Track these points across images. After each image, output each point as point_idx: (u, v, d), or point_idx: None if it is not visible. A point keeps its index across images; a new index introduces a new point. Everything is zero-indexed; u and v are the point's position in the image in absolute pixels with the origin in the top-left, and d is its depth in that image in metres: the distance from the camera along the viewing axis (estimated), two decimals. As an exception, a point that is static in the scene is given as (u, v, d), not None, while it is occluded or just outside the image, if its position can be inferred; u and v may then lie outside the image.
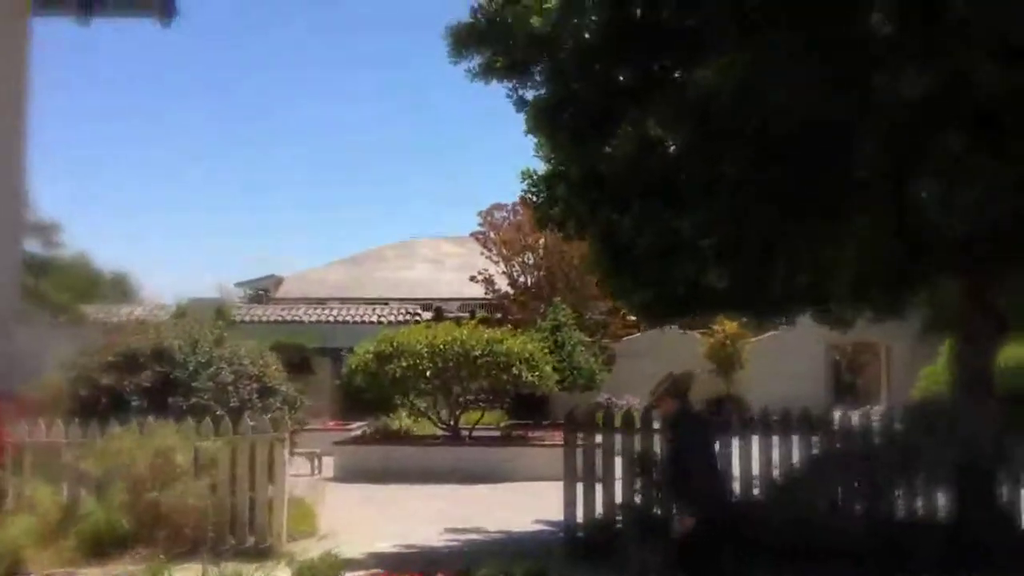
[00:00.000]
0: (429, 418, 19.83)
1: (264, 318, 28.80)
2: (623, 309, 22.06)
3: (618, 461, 10.54)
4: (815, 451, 10.40)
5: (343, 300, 33.03)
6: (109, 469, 8.82)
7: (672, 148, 8.84)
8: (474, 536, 12.10)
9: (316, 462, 19.12)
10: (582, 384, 23.11)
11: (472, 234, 27.69)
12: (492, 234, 26.74)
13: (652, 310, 11.28)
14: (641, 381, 24.86)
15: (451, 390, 19.07)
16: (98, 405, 10.48)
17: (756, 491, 10.38)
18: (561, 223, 10.71)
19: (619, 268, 10.53)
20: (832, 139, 8.09)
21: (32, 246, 25.60)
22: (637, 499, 10.27)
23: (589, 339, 25.08)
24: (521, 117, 9.64)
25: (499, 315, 26.74)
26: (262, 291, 43.13)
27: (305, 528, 11.54)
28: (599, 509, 10.42)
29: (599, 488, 10.45)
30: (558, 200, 10.44)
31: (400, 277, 40.98)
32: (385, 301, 31.42)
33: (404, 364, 18.23)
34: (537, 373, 18.76)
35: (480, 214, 26.75)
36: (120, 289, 56.69)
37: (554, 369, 22.22)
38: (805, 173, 8.43)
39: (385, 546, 11.16)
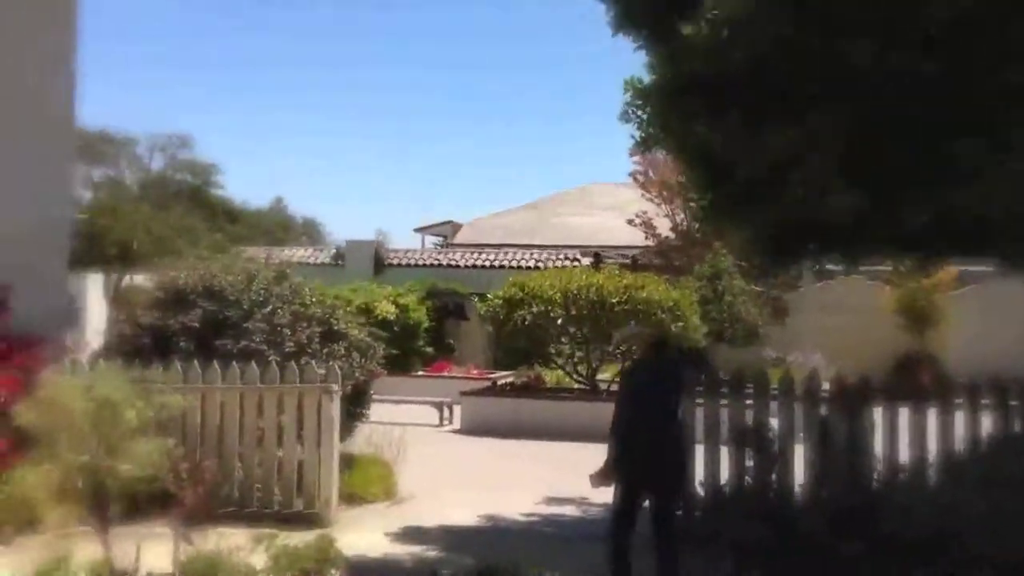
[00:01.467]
0: (564, 370, 18.20)
1: (420, 261, 27.85)
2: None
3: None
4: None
5: (519, 247, 31.67)
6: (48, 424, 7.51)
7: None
8: (569, 510, 10.44)
9: (447, 412, 17.90)
10: (742, 337, 20.84)
11: (630, 174, 25.57)
12: (651, 173, 24.52)
13: (757, 247, 9.15)
14: (818, 336, 22.60)
15: (586, 339, 17.34)
16: (142, 347, 9.41)
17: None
18: (660, 141, 8.72)
19: (718, 194, 8.48)
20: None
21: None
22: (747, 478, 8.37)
23: (756, 289, 22.68)
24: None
25: (659, 262, 24.67)
26: (441, 236, 42.66)
27: (375, 491, 10.22)
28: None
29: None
30: (657, 114, 8.45)
31: (577, 223, 39.42)
32: (560, 248, 29.85)
33: (535, 311, 16.65)
34: (681, 324, 16.76)
35: (636, 152, 24.51)
36: (310, 233, 58.05)
37: (712, 320, 20.16)
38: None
39: (459, 517, 9.72)
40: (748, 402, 8.62)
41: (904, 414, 8.61)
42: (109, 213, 23.59)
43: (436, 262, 27.81)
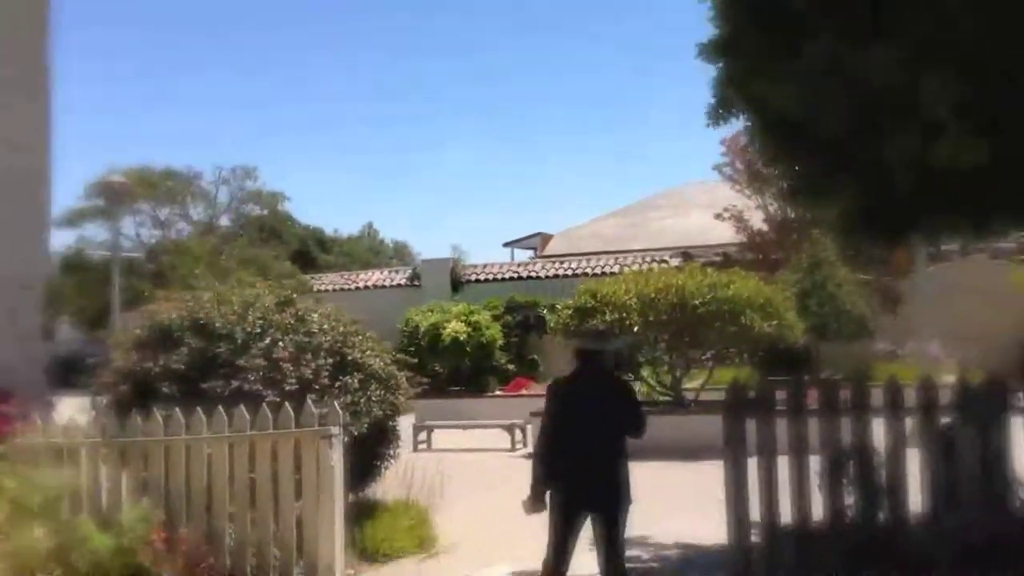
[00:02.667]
0: (645, 381, 16.36)
1: (500, 275, 26.33)
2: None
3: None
4: None
5: (605, 253, 29.89)
6: None
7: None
8: (638, 554, 8.65)
9: (519, 435, 16.25)
10: (849, 331, 18.61)
11: (715, 167, 23.50)
12: (738, 163, 22.42)
13: (855, 224, 7.24)
14: (936, 325, 20.20)
15: (668, 347, 15.49)
16: (121, 396, 8.04)
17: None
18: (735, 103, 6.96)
19: (802, 163, 6.65)
20: None
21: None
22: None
23: (864, 277, 20.39)
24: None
25: (753, 257, 22.55)
26: (531, 249, 41.28)
27: (403, 544, 8.63)
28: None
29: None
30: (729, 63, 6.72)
31: (670, 226, 37.50)
32: (652, 252, 27.96)
33: (608, 319, 14.87)
34: (775, 321, 14.76)
35: (723, 141, 22.50)
36: (401, 256, 57.26)
37: (813, 314, 18.04)
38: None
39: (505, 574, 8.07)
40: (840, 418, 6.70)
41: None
42: (173, 250, 22.75)
43: (516, 275, 26.28)
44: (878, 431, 6.71)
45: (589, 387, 6.31)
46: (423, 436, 16.99)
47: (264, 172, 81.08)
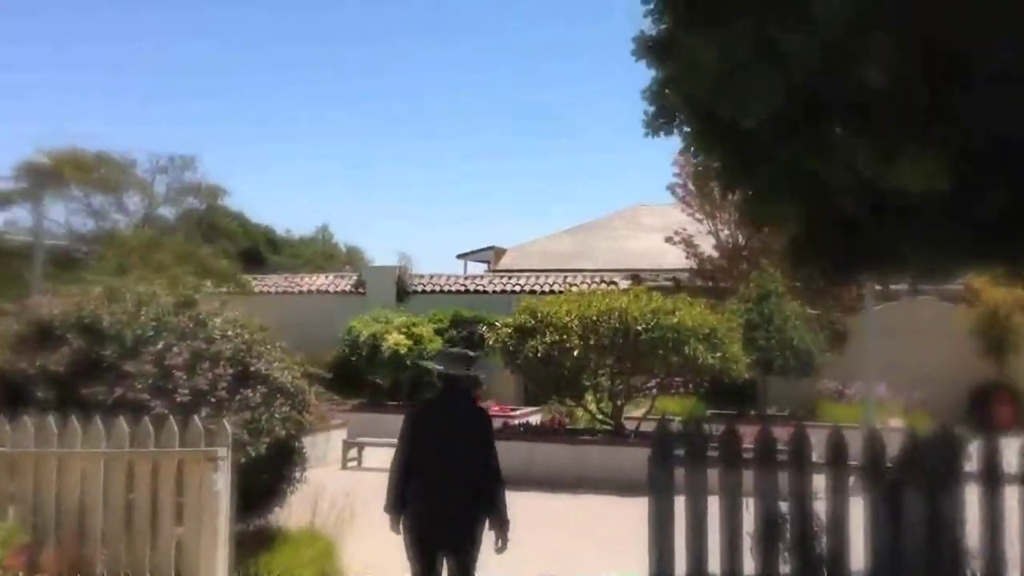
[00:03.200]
0: (584, 408, 15.72)
1: (447, 287, 25.56)
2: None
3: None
4: None
5: (564, 272, 29.23)
6: None
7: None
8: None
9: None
10: (796, 367, 18.10)
11: (668, 187, 22.94)
12: (690, 184, 21.89)
13: (798, 251, 6.64)
14: (883, 365, 19.82)
15: (610, 374, 14.87)
16: (-8, 398, 7.21)
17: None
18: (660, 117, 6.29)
19: (735, 166, 6.02)
20: None
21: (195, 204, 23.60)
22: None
23: (812, 312, 19.92)
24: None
25: (705, 283, 22.03)
26: (484, 262, 40.66)
27: (305, 577, 7.86)
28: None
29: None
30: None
31: (623, 247, 37.06)
32: (603, 272, 27.33)
33: (548, 340, 14.22)
34: (719, 354, 14.19)
35: (675, 162, 21.94)
36: (352, 262, 56.27)
37: (759, 348, 17.50)
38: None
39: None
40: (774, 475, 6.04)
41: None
42: (105, 241, 21.72)
43: (463, 287, 25.50)
44: (820, 483, 6.11)
45: (448, 417, 6.08)
46: (354, 453, 16.18)
47: (212, 166, 79.76)
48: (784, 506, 5.87)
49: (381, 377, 20.52)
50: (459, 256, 40.86)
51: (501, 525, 6.08)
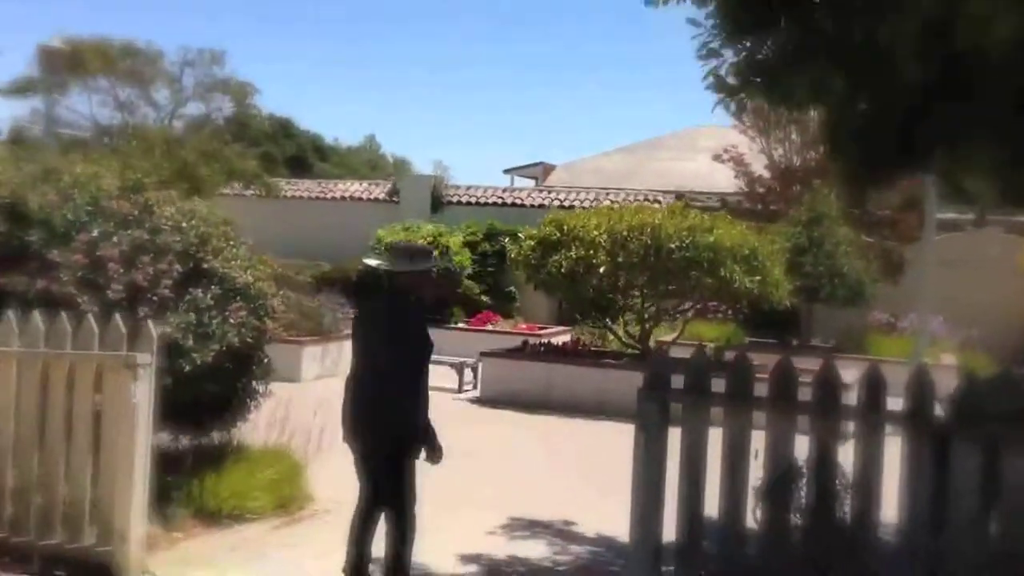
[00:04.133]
0: (609, 329, 14.60)
1: (483, 199, 24.38)
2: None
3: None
4: None
5: (608, 190, 27.86)
6: None
7: None
8: (542, 548, 6.97)
9: (471, 375, 14.54)
10: (844, 296, 16.74)
11: (719, 101, 21.25)
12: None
13: (842, 137, 5.39)
14: (940, 298, 18.43)
15: (634, 293, 13.70)
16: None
17: None
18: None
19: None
20: None
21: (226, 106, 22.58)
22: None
23: (867, 239, 18.44)
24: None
25: (753, 205, 20.58)
26: (532, 179, 39.46)
27: (262, 504, 6.95)
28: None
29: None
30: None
31: (675, 168, 35.54)
32: (651, 192, 25.89)
33: (573, 256, 13.05)
34: (758, 278, 12.92)
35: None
36: (399, 173, 55.20)
37: (805, 274, 16.18)
38: None
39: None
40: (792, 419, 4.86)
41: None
42: (129, 134, 20.83)
43: (500, 200, 24.28)
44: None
45: (387, 314, 5.29)
46: (362, 363, 15.26)
47: (267, 73, 78.32)
48: (803, 458, 4.73)
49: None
50: (506, 171, 39.66)
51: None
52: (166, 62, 21.28)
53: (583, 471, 9.39)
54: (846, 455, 4.70)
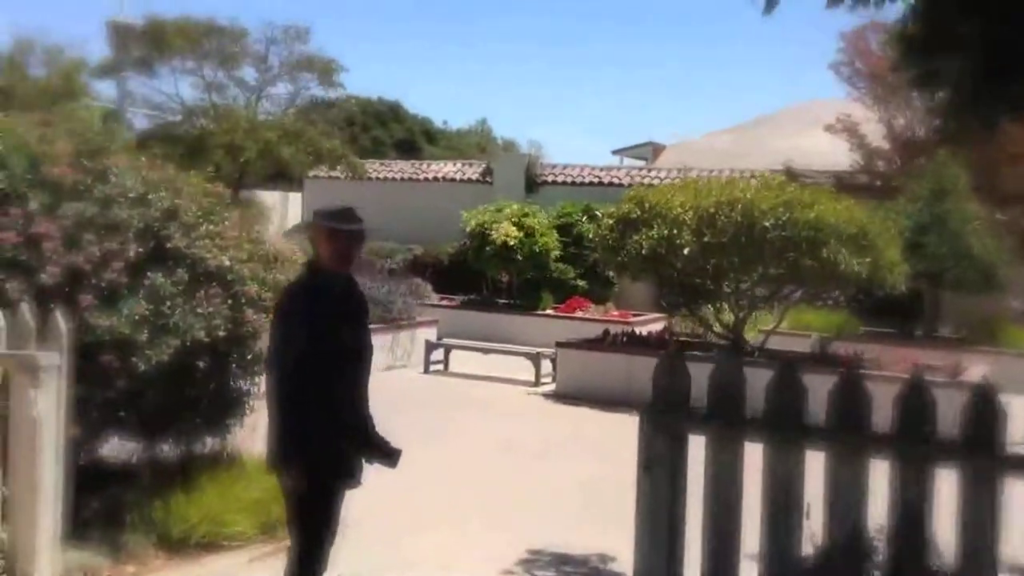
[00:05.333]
0: (699, 318, 13.05)
1: (579, 179, 23.00)
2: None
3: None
4: None
5: (723, 171, 26.03)
6: None
7: None
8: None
9: (546, 366, 13.25)
10: (973, 281, 14.72)
11: (830, 65, 19.26)
12: (858, 63, 18.19)
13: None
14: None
15: (727, 277, 12.13)
16: None
17: None
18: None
19: None
20: None
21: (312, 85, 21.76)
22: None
23: (1000, 217, 16.30)
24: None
25: (874, 180, 18.59)
26: (641, 159, 37.94)
27: (243, 527, 5.82)
28: None
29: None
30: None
31: (792, 145, 33.38)
32: (774, 171, 24.04)
33: (655, 235, 11.59)
34: (868, 259, 11.19)
35: (842, 36, 18.23)
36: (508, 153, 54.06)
37: (928, 256, 14.29)
38: None
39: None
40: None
41: None
42: (216, 115, 20.21)
43: (596, 179, 22.88)
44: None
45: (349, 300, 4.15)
46: (439, 355, 14.14)
47: (375, 54, 77.99)
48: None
49: (489, 271, 18.35)
50: (615, 152, 38.23)
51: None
52: (251, 40, 20.53)
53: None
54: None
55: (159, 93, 20.42)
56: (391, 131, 47.26)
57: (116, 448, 6.12)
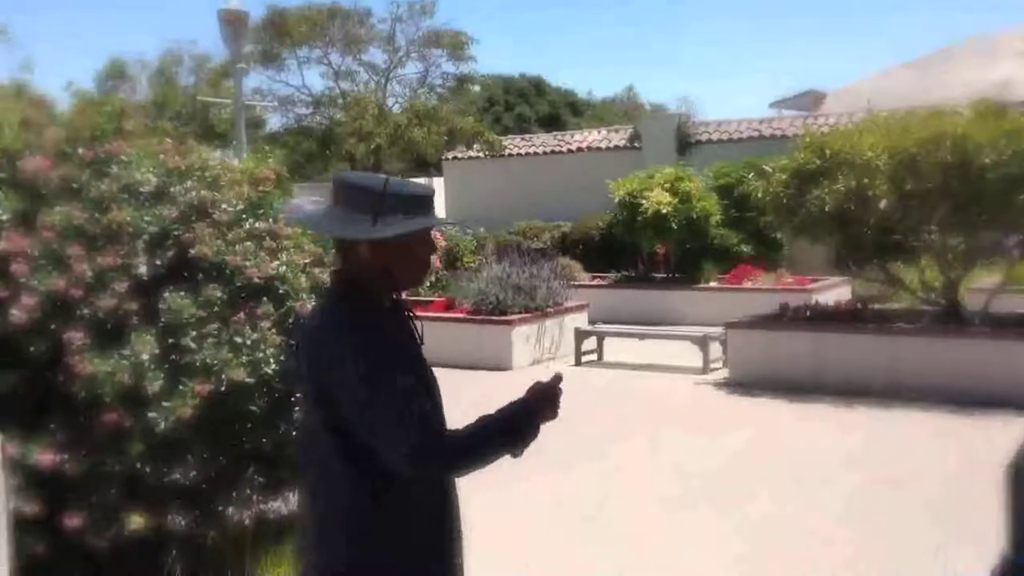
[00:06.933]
0: (897, 280, 10.75)
1: (736, 135, 20.67)
2: None
3: None
4: None
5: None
6: None
7: None
8: None
9: (720, 350, 11.26)
10: None
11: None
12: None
13: None
14: None
15: (930, 230, 9.81)
16: None
17: None
18: None
19: None
20: None
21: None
22: None
23: None
24: None
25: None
26: (802, 111, 34.93)
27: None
28: None
29: None
30: None
31: (974, 78, 29.78)
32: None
33: (842, 188, 9.42)
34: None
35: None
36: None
37: None
38: None
39: None
40: None
41: None
42: (343, 104, 19.00)
43: (757, 133, 20.49)
44: None
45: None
46: (590, 344, 12.32)
47: (513, 30, 76.22)
48: None
49: (643, 244, 16.35)
50: (772, 104, 35.23)
51: None
52: (375, 20, 19.21)
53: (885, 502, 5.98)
54: None
55: (286, 86, 19.38)
56: (535, 107, 45.61)
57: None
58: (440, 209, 23.51)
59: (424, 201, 2.28)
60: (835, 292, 13.92)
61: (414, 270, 2.34)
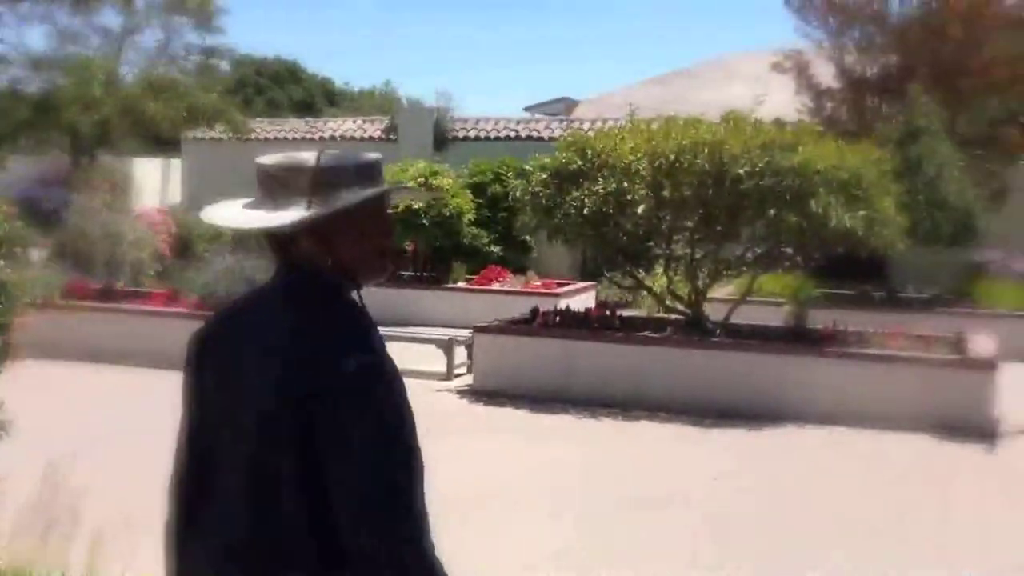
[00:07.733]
0: (647, 289, 10.56)
1: (494, 133, 20.32)
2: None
3: None
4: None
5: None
6: None
7: None
8: None
9: (460, 355, 10.57)
10: (948, 233, 12.51)
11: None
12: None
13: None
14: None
15: (689, 238, 9.64)
16: None
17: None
18: None
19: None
20: None
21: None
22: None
23: (975, 153, 14.10)
24: None
25: (817, 122, 16.24)
26: (554, 116, 35.28)
27: None
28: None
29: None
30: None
31: (712, 98, 31.26)
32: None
33: (601, 191, 9.01)
34: (862, 212, 8.80)
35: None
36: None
37: (905, 206, 11.98)
38: None
39: None
40: None
41: None
42: (64, 66, 16.89)
43: (513, 133, 20.23)
44: None
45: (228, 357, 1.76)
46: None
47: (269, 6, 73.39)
48: None
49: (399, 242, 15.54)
50: (526, 108, 35.61)
51: None
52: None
53: (624, 523, 5.45)
54: None
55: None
56: (289, 93, 43.69)
57: None
58: (176, 194, 21.64)
59: (369, 170, 1.73)
60: (582, 297, 13.68)
61: (372, 257, 1.74)
